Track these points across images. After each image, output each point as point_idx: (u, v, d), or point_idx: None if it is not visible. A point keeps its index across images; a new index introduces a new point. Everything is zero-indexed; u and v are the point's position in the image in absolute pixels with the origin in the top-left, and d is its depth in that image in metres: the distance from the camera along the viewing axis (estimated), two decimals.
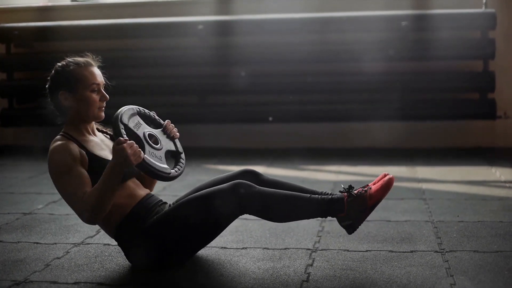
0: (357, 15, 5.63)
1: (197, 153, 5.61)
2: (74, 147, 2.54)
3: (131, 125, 2.53)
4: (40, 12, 6.29)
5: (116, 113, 2.51)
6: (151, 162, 2.46)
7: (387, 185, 2.60)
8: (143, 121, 2.66)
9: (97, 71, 2.65)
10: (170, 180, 2.57)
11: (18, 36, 6.05)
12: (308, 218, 2.69)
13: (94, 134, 2.70)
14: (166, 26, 5.84)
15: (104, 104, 2.66)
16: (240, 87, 5.73)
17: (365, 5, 5.76)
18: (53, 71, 2.66)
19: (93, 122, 2.71)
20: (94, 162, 2.55)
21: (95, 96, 2.61)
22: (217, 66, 5.87)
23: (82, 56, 2.68)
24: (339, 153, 5.61)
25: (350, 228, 2.64)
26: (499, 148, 5.67)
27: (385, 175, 2.69)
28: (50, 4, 6.45)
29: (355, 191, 2.63)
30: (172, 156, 2.72)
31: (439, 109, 5.59)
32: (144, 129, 2.60)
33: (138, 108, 2.67)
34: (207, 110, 5.84)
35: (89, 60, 2.66)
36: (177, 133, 2.79)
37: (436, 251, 2.82)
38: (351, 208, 2.59)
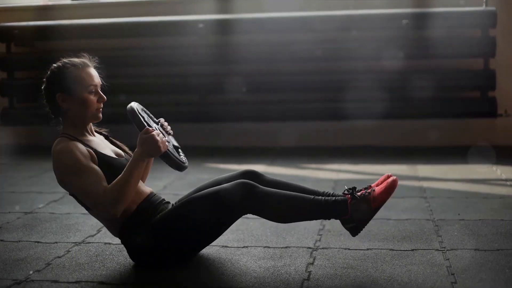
0: (358, 14, 5.63)
1: (198, 151, 5.61)
2: (81, 146, 2.55)
3: (145, 118, 2.60)
4: (40, 11, 6.29)
5: (129, 107, 2.55)
6: (173, 152, 2.59)
7: (391, 187, 2.60)
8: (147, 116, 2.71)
9: (94, 72, 2.64)
10: (183, 170, 2.65)
11: (18, 35, 6.05)
12: (310, 219, 2.68)
13: (93, 135, 2.70)
14: (167, 25, 5.84)
15: (102, 105, 2.65)
16: (241, 86, 5.73)
17: (365, 4, 5.75)
18: (49, 73, 2.65)
19: (91, 123, 2.71)
20: (102, 160, 2.56)
21: (93, 98, 2.61)
22: (218, 65, 5.86)
23: (78, 57, 2.66)
24: (340, 151, 5.61)
25: (354, 230, 2.63)
26: (500, 146, 5.66)
27: (388, 176, 2.68)
28: (50, 3, 6.45)
29: (359, 193, 2.61)
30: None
31: (440, 107, 5.58)
32: (153, 124, 2.65)
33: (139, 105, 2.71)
34: (207, 109, 5.84)
35: (86, 61, 2.65)
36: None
37: (437, 250, 2.82)
38: (355, 211, 2.58)
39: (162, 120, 2.78)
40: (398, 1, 5.71)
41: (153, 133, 2.46)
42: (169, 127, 2.79)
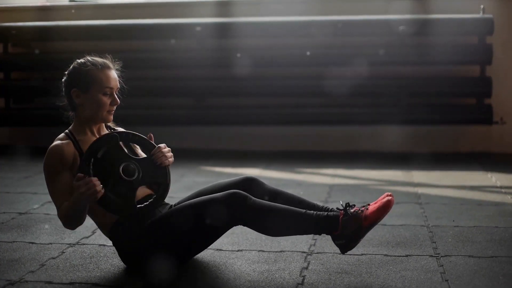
0: (355, 19, 5.64)
1: (194, 155, 5.62)
2: (69, 149, 2.56)
3: (105, 156, 2.51)
4: (38, 12, 6.29)
5: (91, 143, 2.51)
6: (111, 199, 2.48)
7: (385, 207, 2.52)
8: (127, 147, 2.61)
9: (113, 75, 2.65)
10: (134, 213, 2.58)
11: (15, 35, 6.04)
12: (301, 234, 2.65)
13: (99, 134, 2.70)
14: (164, 28, 5.84)
15: (114, 108, 2.66)
16: (238, 90, 5.74)
17: (363, 9, 5.76)
18: (71, 67, 2.66)
19: (102, 124, 2.72)
20: None
21: (106, 99, 2.61)
22: (215, 68, 5.86)
23: (101, 57, 2.67)
24: (335, 156, 5.61)
25: (343, 247, 2.60)
26: (495, 153, 5.68)
27: (387, 195, 2.66)
28: (48, 4, 6.44)
29: (352, 210, 2.57)
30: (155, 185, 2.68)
31: (436, 114, 5.60)
32: (123, 159, 2.54)
33: (125, 133, 2.60)
34: (204, 112, 5.84)
35: (107, 62, 2.66)
36: (168, 160, 2.62)
37: (431, 256, 2.82)
38: (345, 227, 2.54)
39: (158, 148, 2.62)
40: (395, 7, 5.73)
41: (81, 182, 2.39)
42: (164, 157, 2.62)
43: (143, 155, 2.73)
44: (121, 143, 2.57)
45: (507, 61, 5.68)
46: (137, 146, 2.77)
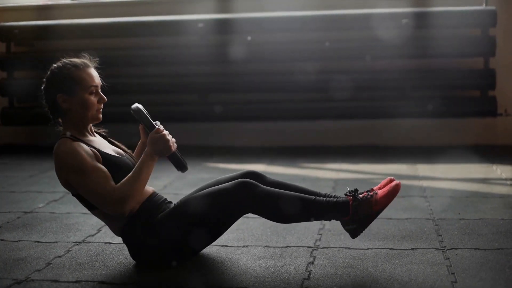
0: (357, 13, 5.62)
1: (198, 151, 5.61)
2: (85, 146, 2.55)
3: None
4: (40, 10, 6.29)
5: (135, 107, 2.57)
6: (179, 152, 2.59)
7: (394, 191, 2.58)
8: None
9: (94, 73, 2.63)
10: (185, 171, 2.64)
11: (18, 35, 6.04)
12: (311, 220, 2.67)
13: (94, 135, 2.70)
14: (166, 25, 5.84)
15: (102, 106, 2.64)
16: (241, 85, 5.73)
17: (365, 3, 5.75)
18: (49, 73, 2.63)
19: (91, 124, 2.70)
20: (106, 159, 2.56)
21: (94, 99, 2.60)
22: (218, 64, 5.86)
23: (79, 57, 2.65)
24: (340, 151, 5.60)
25: (354, 232, 2.63)
26: (500, 145, 5.66)
27: (391, 180, 2.67)
28: (50, 2, 6.45)
29: (361, 195, 2.61)
30: None
31: (440, 107, 5.58)
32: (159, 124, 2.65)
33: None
34: (208, 108, 5.83)
35: (86, 61, 2.63)
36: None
37: (437, 249, 2.82)
38: (356, 213, 2.58)
39: (158, 122, 2.72)
40: (398, 0, 5.71)
41: (164, 132, 2.51)
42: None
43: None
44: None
45: (510, 52, 5.66)
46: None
